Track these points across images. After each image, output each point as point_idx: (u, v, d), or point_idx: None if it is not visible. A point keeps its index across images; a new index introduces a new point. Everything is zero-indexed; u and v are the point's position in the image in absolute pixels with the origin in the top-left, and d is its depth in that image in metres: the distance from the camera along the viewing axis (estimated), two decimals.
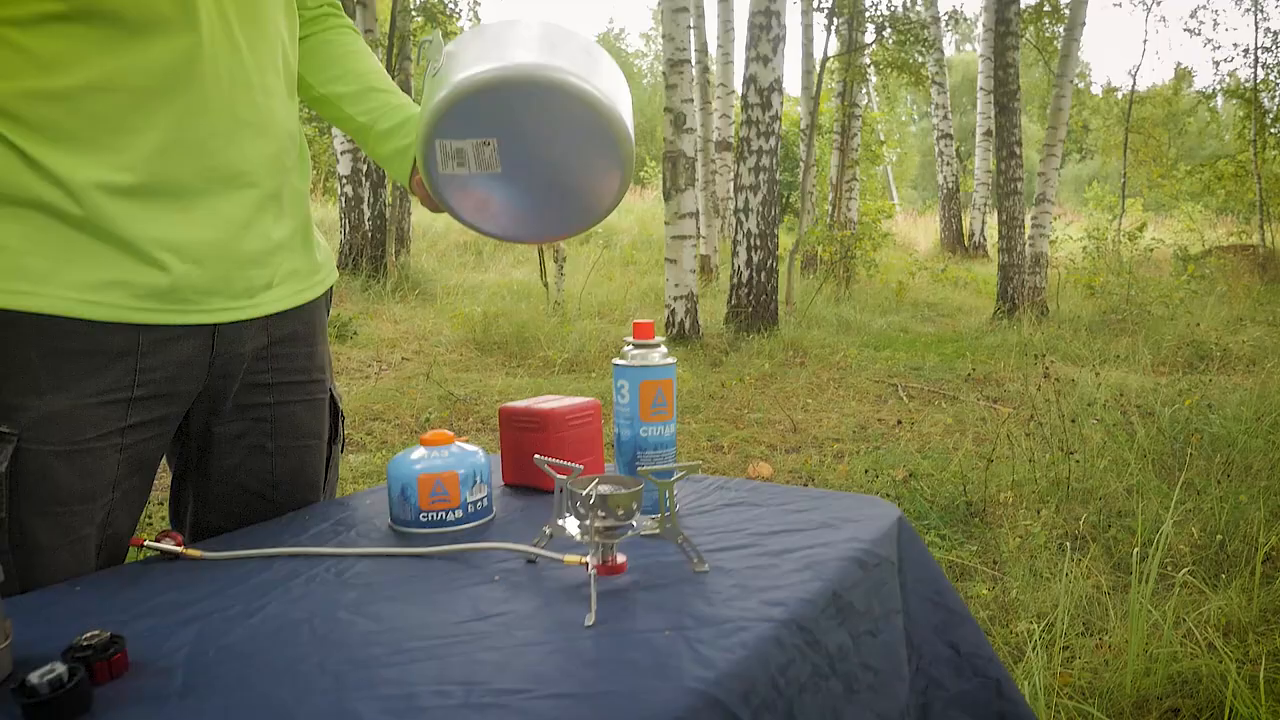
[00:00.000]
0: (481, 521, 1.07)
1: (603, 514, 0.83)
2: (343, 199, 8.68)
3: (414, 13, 8.62)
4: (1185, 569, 2.53)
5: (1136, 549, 2.50)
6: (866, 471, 3.63)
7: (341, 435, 1.25)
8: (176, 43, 0.92)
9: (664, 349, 1.07)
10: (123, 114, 0.90)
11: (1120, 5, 23.75)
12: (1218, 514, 2.97)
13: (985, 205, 15.26)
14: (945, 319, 8.80)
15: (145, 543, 0.98)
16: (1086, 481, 3.35)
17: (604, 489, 0.85)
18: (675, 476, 0.88)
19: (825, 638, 0.84)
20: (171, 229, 0.95)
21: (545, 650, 0.74)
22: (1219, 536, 2.83)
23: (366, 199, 8.64)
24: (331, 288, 1.23)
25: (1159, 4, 20.91)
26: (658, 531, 0.89)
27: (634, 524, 0.87)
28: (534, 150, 0.95)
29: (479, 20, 10.26)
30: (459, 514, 1.04)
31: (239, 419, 1.11)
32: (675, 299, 6.83)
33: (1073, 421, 3.82)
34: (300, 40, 1.17)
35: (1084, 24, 9.08)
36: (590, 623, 0.78)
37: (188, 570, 0.94)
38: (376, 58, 1.25)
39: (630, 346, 1.07)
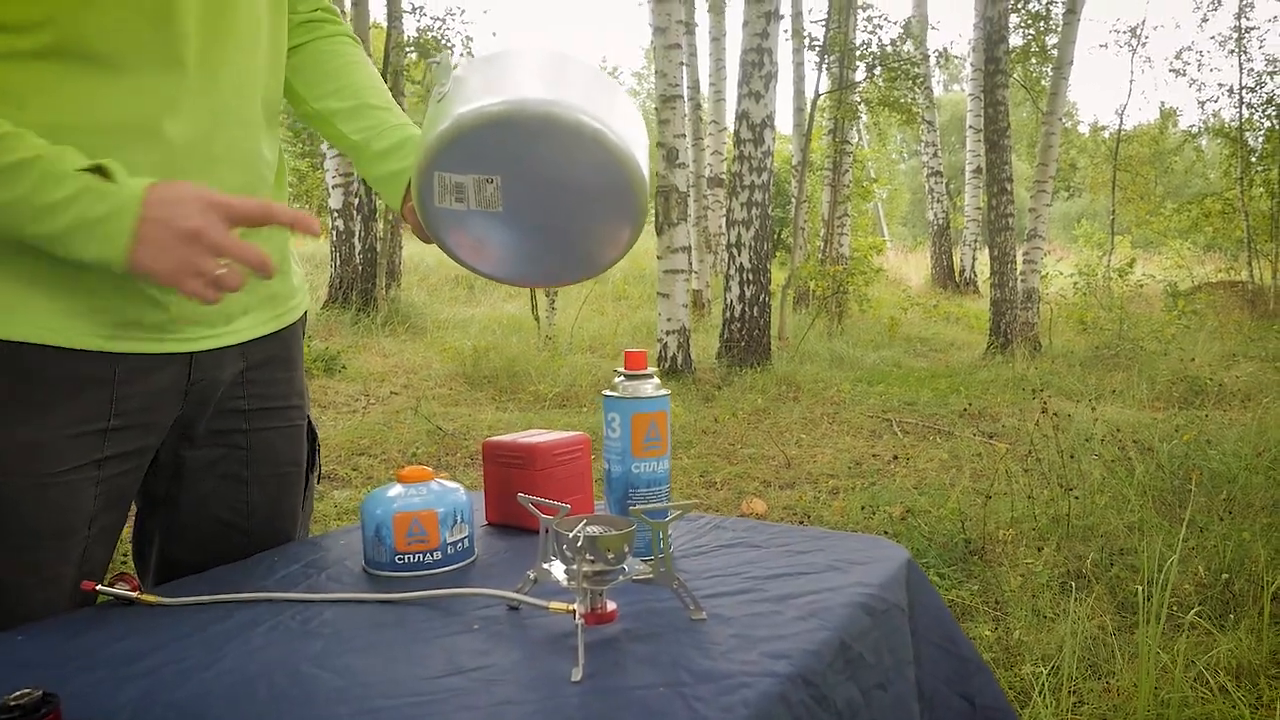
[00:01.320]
0: (462, 564, 1.00)
1: (591, 557, 0.77)
2: (334, 232, 8.64)
3: (408, 48, 8.65)
4: (1193, 609, 2.46)
5: (1141, 588, 2.44)
6: (863, 508, 3.56)
7: (318, 464, 1.21)
8: (158, 81, 0.88)
9: (657, 380, 1.01)
10: (95, 152, 0.84)
11: (1106, 46, 24.05)
12: (1222, 552, 2.90)
13: (976, 242, 15.33)
14: (938, 354, 8.77)
15: (97, 587, 0.91)
16: (1087, 519, 3.29)
17: (593, 530, 0.79)
18: (670, 517, 0.82)
19: (833, 693, 0.77)
20: None
21: (527, 710, 0.67)
22: (1224, 575, 2.77)
23: (358, 233, 8.61)
24: (305, 314, 1.18)
25: (1144, 45, 21.28)
26: (651, 576, 0.82)
27: (625, 568, 0.80)
28: (539, 192, 0.88)
29: (472, 55, 10.30)
30: (437, 556, 0.97)
31: (212, 445, 1.07)
32: (668, 333, 6.78)
33: (1071, 457, 3.76)
34: (292, 50, 1.11)
35: (1071, 63, 9.17)
36: (577, 678, 0.71)
37: (142, 618, 0.86)
38: (374, 70, 1.18)
39: (621, 377, 1.01)
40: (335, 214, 8.63)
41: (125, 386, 0.94)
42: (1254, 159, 13.62)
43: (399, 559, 0.96)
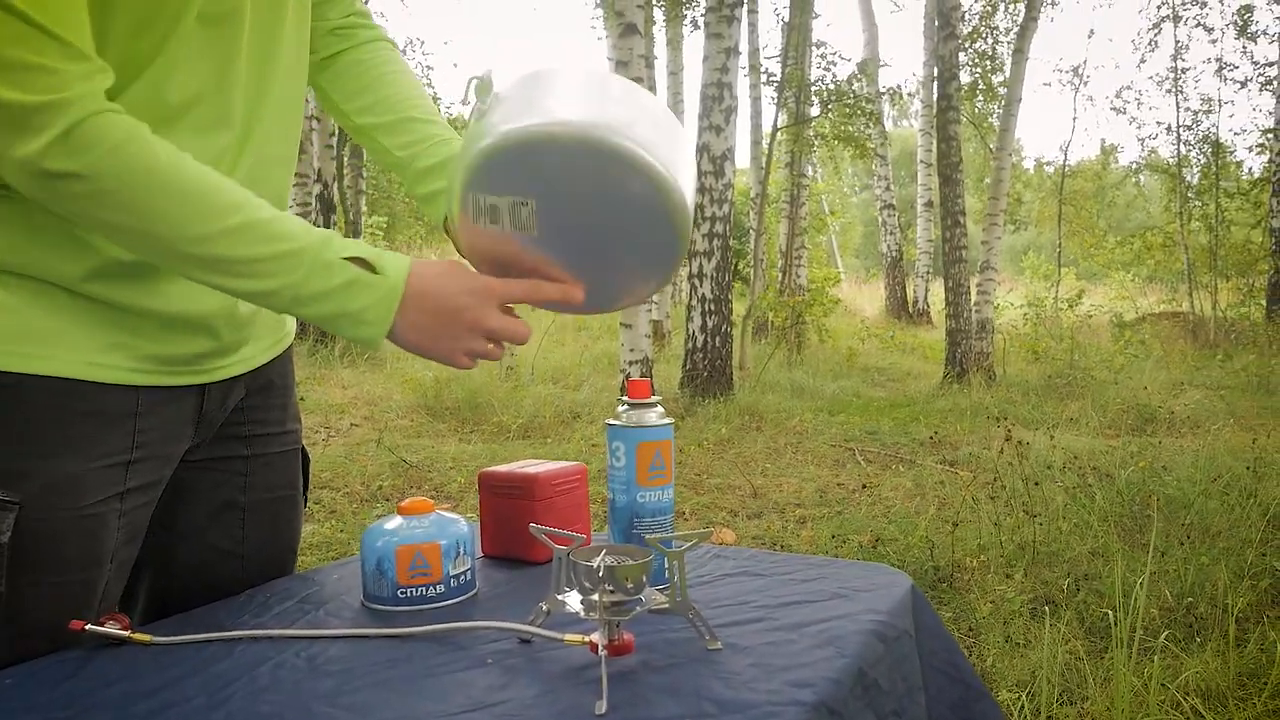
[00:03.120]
0: (465, 598, 0.98)
1: (610, 588, 0.76)
2: None
3: None
4: (1163, 634, 2.50)
5: (1111, 613, 2.47)
6: (833, 537, 3.57)
7: (309, 486, 1.20)
8: (206, 141, 0.88)
9: (661, 409, 1.01)
10: None
11: (1050, 85, 24.79)
12: (1183, 576, 2.96)
13: (928, 273, 15.62)
14: (895, 383, 8.88)
15: (87, 627, 0.88)
16: (1051, 545, 3.34)
17: (611, 560, 0.78)
18: (687, 545, 0.81)
19: None
20: (181, 301, 0.92)
21: None
22: (1187, 599, 2.82)
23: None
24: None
25: (1086, 84, 21.99)
26: (667, 606, 0.81)
27: (643, 598, 0.79)
28: (576, 218, 0.85)
29: (433, 88, 10.30)
30: (440, 589, 0.95)
31: (212, 471, 1.06)
32: (630, 363, 6.78)
33: (1035, 484, 3.82)
34: (327, 60, 1.09)
35: (1020, 100, 9.45)
36: (601, 711, 0.69)
37: (137, 657, 0.83)
38: (415, 77, 1.14)
39: (625, 406, 1.00)
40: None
41: (145, 418, 0.93)
42: (1191, 194, 14.12)
43: (401, 593, 0.94)
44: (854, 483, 4.67)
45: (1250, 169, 15.04)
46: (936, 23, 8.82)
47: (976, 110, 14.96)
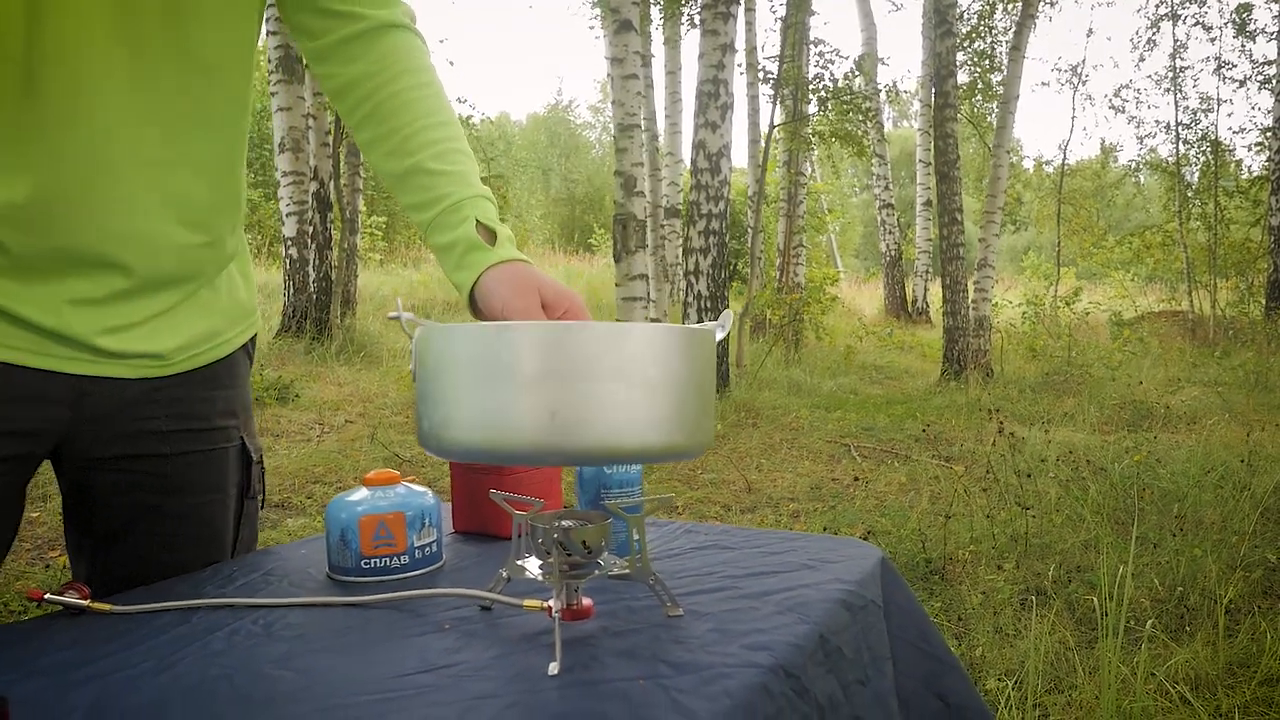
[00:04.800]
0: (430, 569, 0.97)
1: (567, 551, 0.75)
2: (287, 261, 8.53)
3: None
4: (1149, 622, 2.49)
5: (1099, 602, 2.46)
6: (825, 530, 3.56)
7: (257, 489, 1.09)
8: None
9: None
10: None
11: (1048, 84, 24.77)
12: (1175, 567, 2.95)
13: (927, 273, 15.61)
14: (893, 381, 8.87)
15: (46, 596, 0.87)
16: (1044, 537, 3.32)
17: (568, 524, 0.77)
18: (646, 510, 0.80)
19: (814, 686, 0.75)
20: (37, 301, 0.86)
21: (503, 704, 0.65)
22: (1178, 590, 2.81)
23: (311, 261, 8.49)
24: (254, 335, 1.11)
25: (1085, 83, 21.96)
26: (628, 571, 0.81)
27: (601, 563, 0.79)
28: None
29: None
30: (405, 560, 0.94)
31: (126, 471, 0.98)
32: None
33: (1028, 477, 3.81)
34: (325, 49, 0.96)
35: (1018, 98, 9.44)
36: (555, 672, 0.69)
37: (95, 626, 0.82)
38: (431, 77, 0.97)
39: None
40: (289, 242, 8.52)
41: None
42: (1190, 193, 14.10)
43: (365, 563, 0.93)
44: (848, 478, 4.66)
45: (1249, 167, 15.03)
46: (934, 21, 8.81)
47: (976, 110, 14.95)
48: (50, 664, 0.73)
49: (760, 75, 10.63)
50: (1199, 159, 14.40)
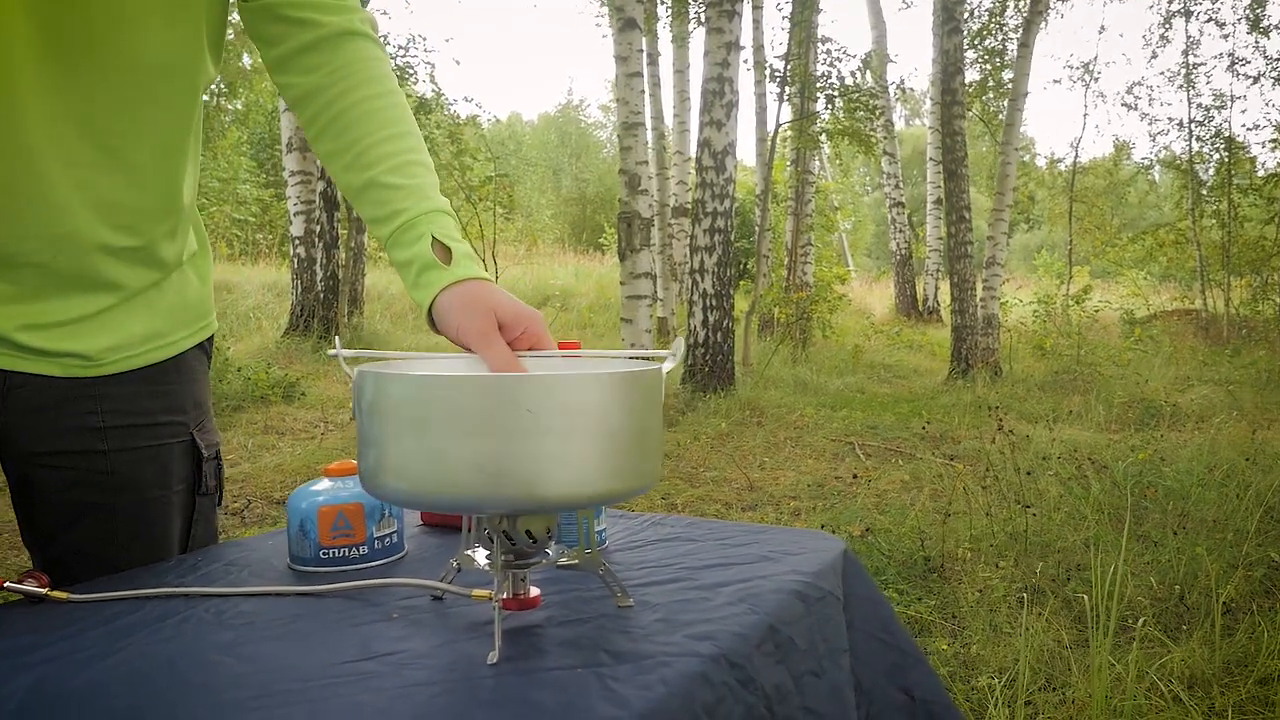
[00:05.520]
0: (390, 560, 0.97)
1: (511, 541, 0.75)
2: (295, 260, 8.57)
3: None
4: (1144, 621, 2.47)
5: (1088, 598, 2.44)
6: (823, 527, 3.55)
7: (209, 484, 1.07)
8: None
9: None
10: None
11: (1060, 82, 24.67)
12: (1175, 566, 2.93)
13: (938, 271, 15.54)
14: (901, 380, 8.84)
15: (5, 584, 0.87)
16: (1044, 535, 3.30)
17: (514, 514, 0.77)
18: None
19: (761, 676, 0.75)
20: None
21: (436, 691, 0.65)
22: (1177, 588, 2.79)
23: (319, 260, 8.53)
24: (211, 336, 1.10)
25: (1097, 80, 21.81)
26: (576, 561, 0.80)
27: (550, 553, 0.78)
28: None
29: (436, 85, 10.31)
30: (364, 550, 0.95)
31: (65, 468, 0.97)
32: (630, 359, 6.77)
33: (1028, 474, 3.79)
34: (282, 58, 0.95)
35: (1026, 94, 9.38)
36: (493, 660, 0.69)
37: (51, 614, 0.83)
38: (386, 86, 0.95)
39: None
40: (297, 241, 8.56)
41: None
42: (1204, 191, 13.98)
43: (324, 553, 0.93)
44: (850, 475, 4.65)
45: (1264, 164, 14.89)
46: (941, 18, 8.77)
47: (987, 108, 14.86)
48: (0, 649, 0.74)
49: (767, 73, 10.60)
50: (1213, 156, 14.28)
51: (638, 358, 0.86)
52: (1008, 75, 13.26)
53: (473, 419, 0.65)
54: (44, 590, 0.86)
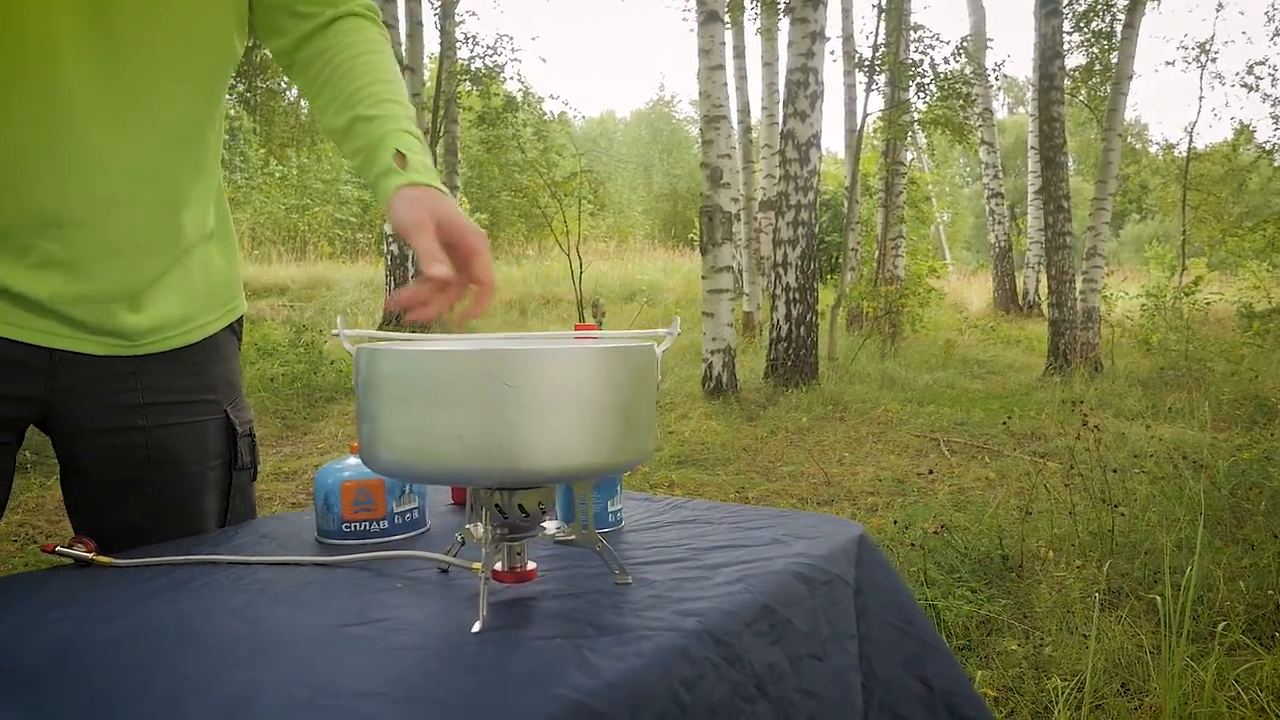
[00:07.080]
0: (411, 534, 1.00)
1: (504, 515, 0.77)
2: (388, 257, 8.84)
3: (460, 76, 8.85)
4: (1224, 624, 2.33)
5: (1163, 599, 2.33)
6: (896, 523, 3.48)
7: (245, 459, 1.12)
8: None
9: None
10: None
11: (1174, 64, 23.38)
12: (1274, 571, 2.76)
13: (1039, 264, 14.96)
14: (995, 376, 8.56)
15: (56, 548, 0.94)
16: (1130, 535, 3.16)
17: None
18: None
19: (751, 655, 0.75)
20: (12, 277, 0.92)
21: (420, 655, 0.67)
22: (1274, 594, 2.63)
23: (410, 257, 8.79)
24: (241, 318, 1.15)
25: (1214, 61, 20.59)
26: (573, 537, 0.82)
27: (545, 527, 0.80)
28: None
29: (524, 83, 10.48)
30: (384, 525, 0.98)
31: (105, 446, 1.02)
32: (712, 353, 6.75)
33: (1115, 472, 3.63)
34: (293, 46, 1.03)
35: (1131, 77, 8.95)
36: (477, 629, 0.70)
37: (92, 576, 0.89)
38: (381, 50, 1.03)
39: None
40: (390, 239, 8.83)
41: None
42: None
43: (346, 527, 0.97)
44: (935, 472, 4.53)
45: None
46: (1042, 0, 8.44)
47: (1094, 94, 14.22)
48: (34, 606, 0.79)
49: (856, 63, 10.41)
50: None
51: (643, 338, 0.87)
52: (1114, 59, 12.67)
53: (453, 391, 0.67)
54: (90, 555, 0.93)
